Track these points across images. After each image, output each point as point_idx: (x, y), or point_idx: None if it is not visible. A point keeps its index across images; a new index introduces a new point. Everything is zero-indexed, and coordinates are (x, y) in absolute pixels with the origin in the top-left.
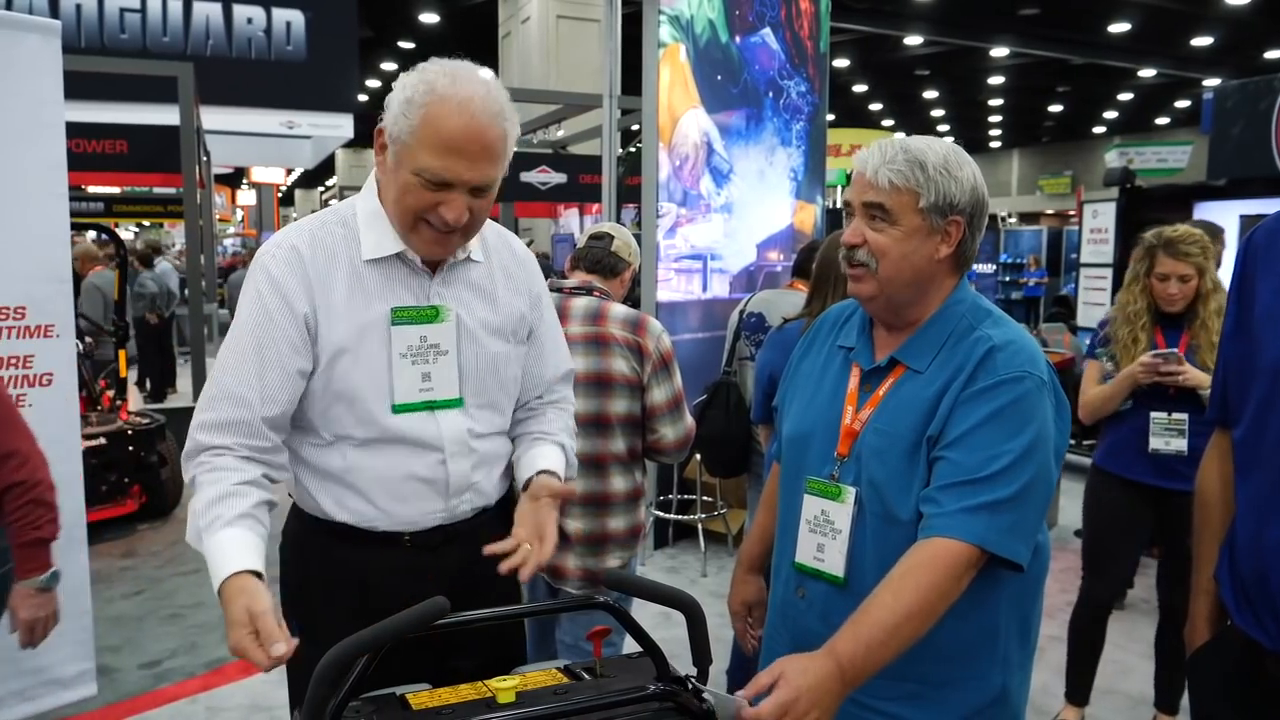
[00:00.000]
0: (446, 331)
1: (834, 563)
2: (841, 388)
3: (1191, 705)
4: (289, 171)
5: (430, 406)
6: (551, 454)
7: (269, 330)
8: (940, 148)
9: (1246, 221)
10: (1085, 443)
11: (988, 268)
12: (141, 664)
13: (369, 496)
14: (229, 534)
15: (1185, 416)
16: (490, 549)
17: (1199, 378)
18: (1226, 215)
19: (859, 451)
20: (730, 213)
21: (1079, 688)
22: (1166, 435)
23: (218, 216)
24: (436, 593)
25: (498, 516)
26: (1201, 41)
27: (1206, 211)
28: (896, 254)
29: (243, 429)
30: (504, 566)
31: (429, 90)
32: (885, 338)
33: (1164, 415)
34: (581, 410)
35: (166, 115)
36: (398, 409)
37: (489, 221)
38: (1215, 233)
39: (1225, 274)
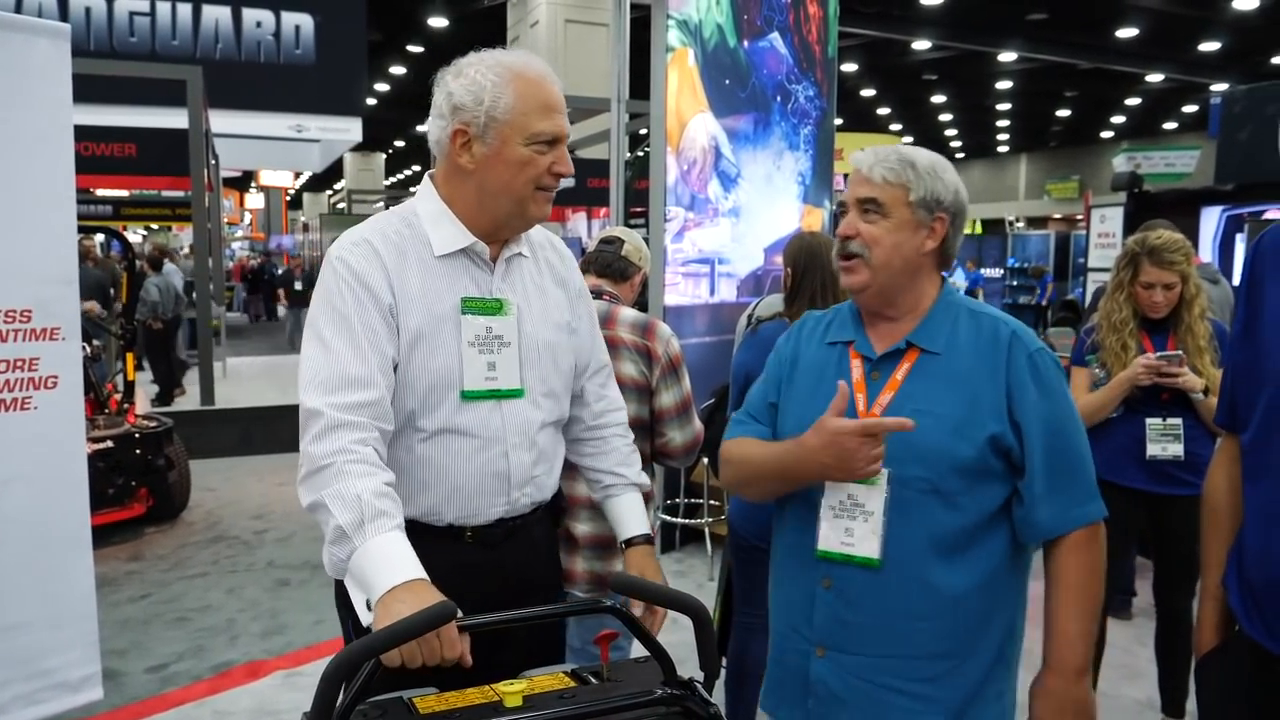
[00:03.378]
0: (509, 324)
1: (867, 545)
2: (845, 379)
3: (1199, 710)
4: (297, 175)
5: (495, 395)
6: (637, 509)
7: (365, 318)
8: (928, 153)
9: (1254, 227)
10: None
11: (995, 272)
12: (148, 668)
13: (434, 490)
14: (401, 537)
15: (1180, 421)
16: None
17: (1193, 381)
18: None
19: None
20: (738, 217)
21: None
22: (1163, 441)
23: (226, 220)
24: (496, 589)
25: (548, 513)
26: (1209, 47)
27: (1215, 216)
28: (888, 243)
29: (375, 410)
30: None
31: (507, 70)
32: (883, 329)
33: (1159, 421)
34: None
35: (175, 119)
36: (466, 396)
37: None
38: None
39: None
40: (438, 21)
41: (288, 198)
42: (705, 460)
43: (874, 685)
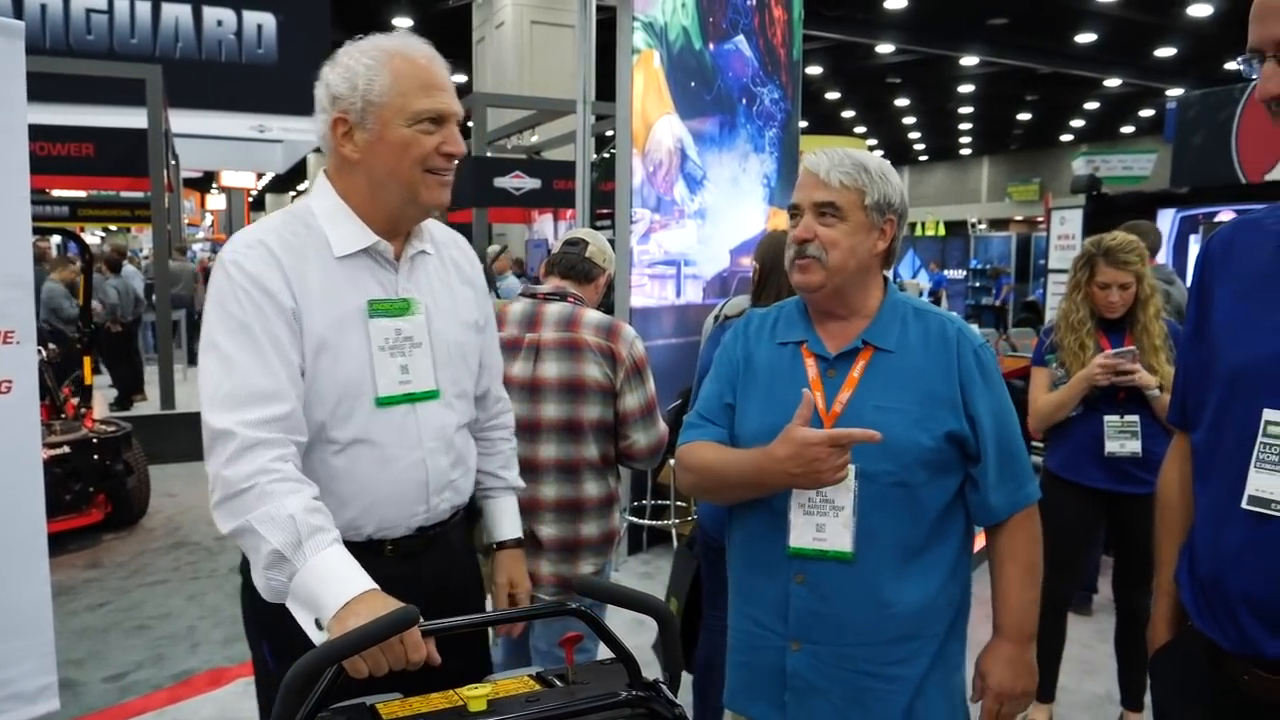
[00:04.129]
0: (418, 324)
1: (839, 539)
2: (799, 378)
3: (1154, 704)
4: (260, 176)
5: (410, 399)
6: (512, 511)
7: (267, 325)
8: (875, 156)
9: (1208, 229)
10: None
11: (958, 273)
12: (106, 677)
13: (352, 504)
14: (343, 551)
15: (1137, 418)
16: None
17: (1148, 379)
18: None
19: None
20: (704, 219)
21: (1045, 685)
22: (1121, 438)
23: (186, 221)
24: (417, 604)
25: (466, 518)
26: (1165, 52)
27: (1170, 219)
28: (846, 245)
29: (288, 424)
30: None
31: (382, 52)
32: (834, 328)
33: (1117, 418)
34: (555, 416)
35: (134, 118)
36: (381, 402)
37: (430, 219)
38: (1147, 231)
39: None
40: (402, 22)
41: (250, 199)
42: (672, 461)
43: (850, 673)
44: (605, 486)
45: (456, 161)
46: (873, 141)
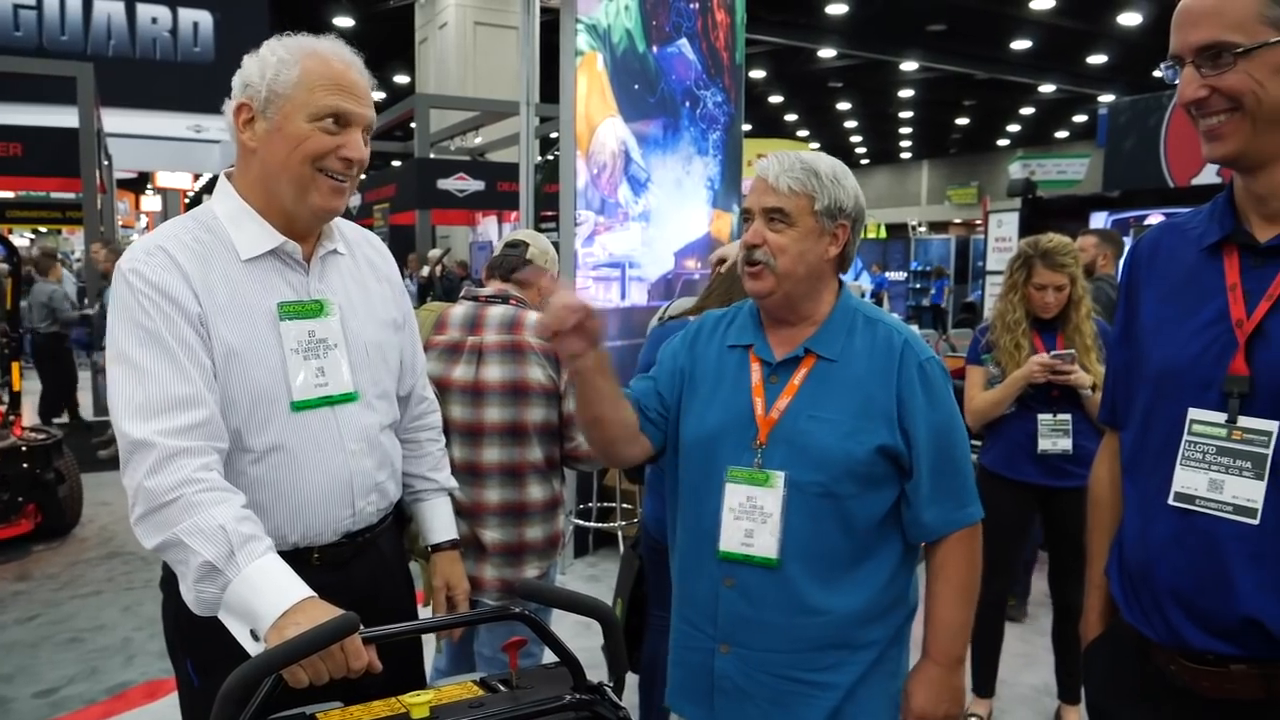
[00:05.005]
0: (332, 325)
1: (765, 545)
2: (744, 382)
3: (1086, 696)
4: (197, 177)
5: (328, 402)
6: (445, 514)
7: (176, 331)
8: (829, 160)
9: (1139, 231)
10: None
11: (899, 275)
12: (37, 693)
13: (274, 513)
14: (277, 559)
15: (1069, 416)
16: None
17: (1083, 378)
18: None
19: (783, 438)
20: (648, 221)
21: (985, 680)
22: (1054, 436)
23: (120, 223)
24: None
25: (396, 523)
26: (1097, 60)
27: (1100, 221)
28: (794, 251)
29: (208, 430)
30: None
31: (298, 48)
32: (783, 334)
33: (1050, 416)
34: (498, 419)
35: (65, 117)
36: (297, 406)
37: (340, 218)
38: (1116, 240)
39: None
40: (343, 21)
41: (186, 200)
42: None
43: (776, 678)
44: (550, 490)
45: (357, 170)
46: (815, 145)
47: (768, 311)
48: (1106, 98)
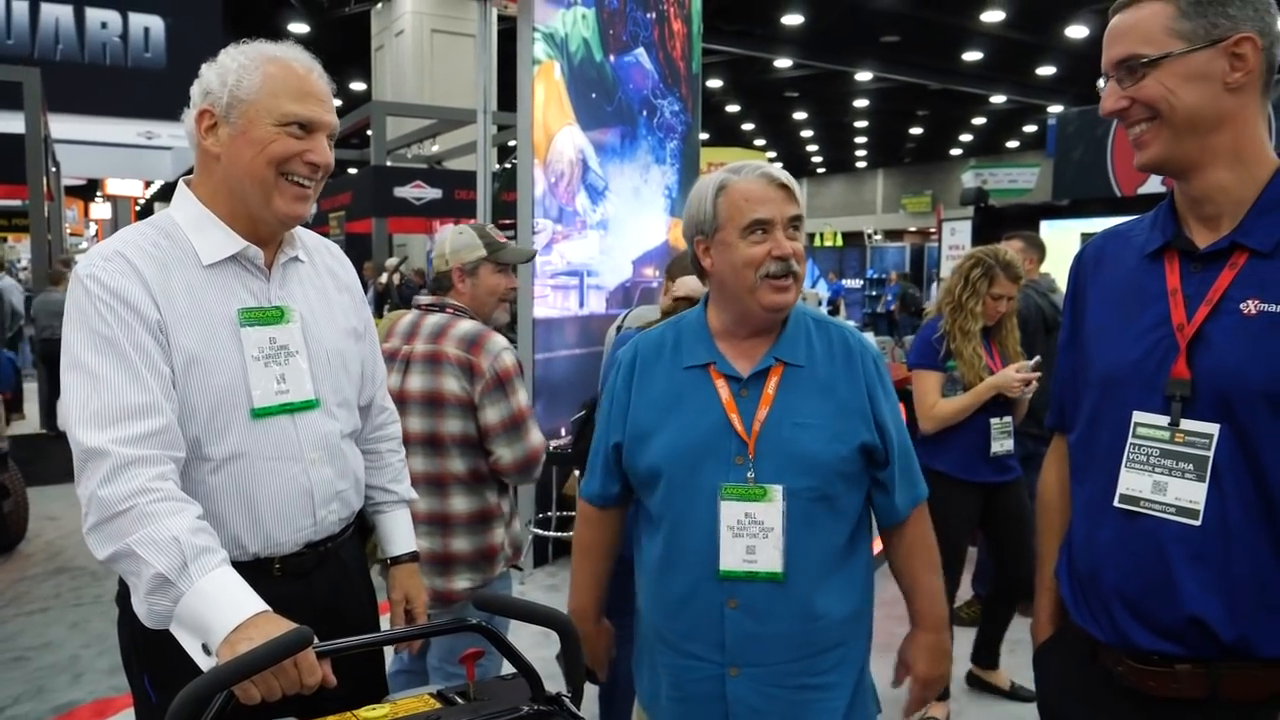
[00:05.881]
0: (293, 332)
1: (769, 559)
2: (711, 400)
3: (1038, 697)
4: (148, 184)
5: (288, 409)
6: (405, 526)
7: (134, 338)
8: None
9: (1086, 239)
10: None
11: (856, 283)
12: None
13: (233, 522)
14: (232, 572)
15: (1010, 418)
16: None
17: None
18: (1069, 233)
19: (771, 449)
20: (606, 229)
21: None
22: (1001, 438)
23: (69, 231)
24: (310, 625)
25: (358, 532)
26: (1046, 71)
27: (1052, 230)
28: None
29: (165, 438)
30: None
31: (258, 54)
32: (741, 348)
33: (998, 420)
34: (418, 430)
35: (11, 123)
36: (258, 413)
37: (299, 227)
38: (1039, 245)
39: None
40: (298, 28)
41: (137, 208)
42: (577, 473)
43: (790, 689)
44: (478, 502)
45: (321, 176)
46: (772, 154)
47: (752, 326)
48: (1055, 108)
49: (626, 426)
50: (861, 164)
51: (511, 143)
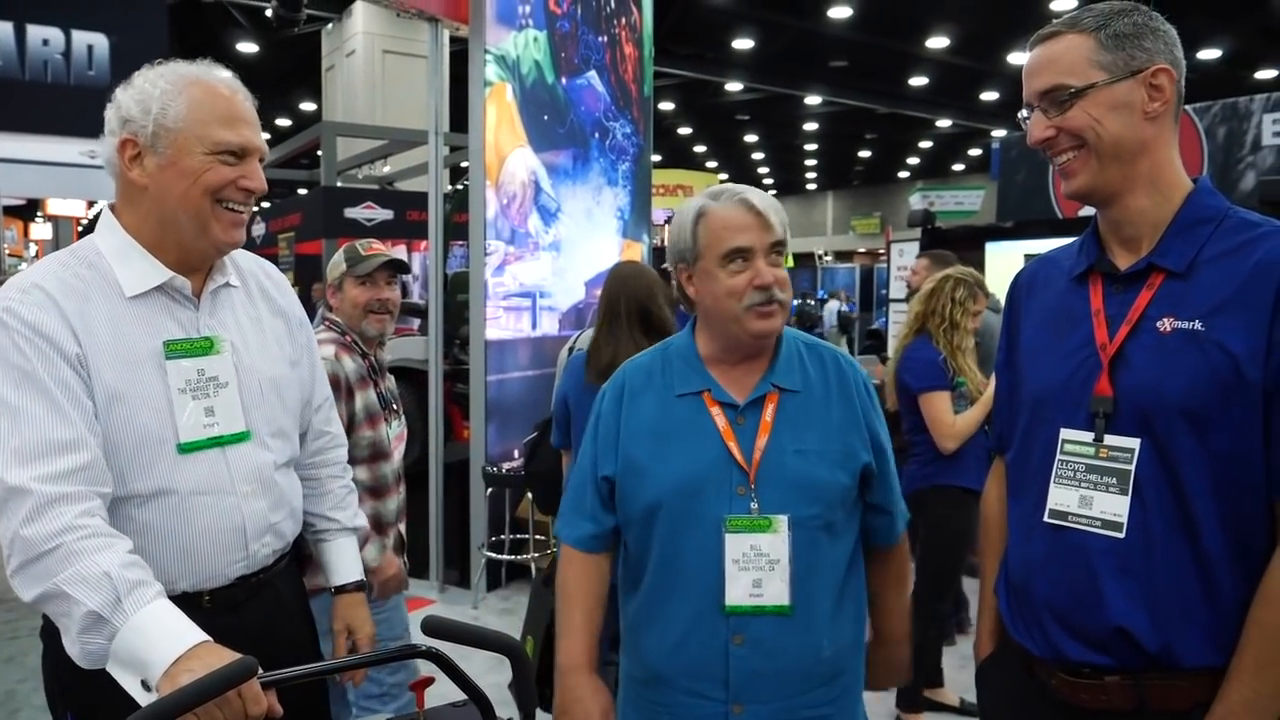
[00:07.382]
0: (223, 362)
1: (776, 593)
2: (708, 428)
3: (979, 712)
4: (91, 204)
5: (217, 443)
6: (350, 554)
7: (54, 372)
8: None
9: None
10: None
11: (807, 303)
12: None
13: (161, 558)
14: (168, 604)
15: None
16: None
17: None
18: (1013, 254)
19: (772, 478)
20: (559, 251)
21: (916, 697)
22: None
23: (8, 251)
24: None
25: (294, 562)
26: (989, 96)
27: (997, 251)
28: (789, 285)
29: (90, 474)
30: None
31: (180, 77)
32: (734, 374)
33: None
34: None
35: None
36: (184, 448)
37: (238, 249)
38: (949, 260)
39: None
40: (247, 47)
41: (79, 228)
42: (529, 495)
43: None
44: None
45: (254, 200)
46: (724, 175)
47: (743, 352)
48: (999, 132)
49: (618, 459)
50: (812, 186)
51: (463, 164)
